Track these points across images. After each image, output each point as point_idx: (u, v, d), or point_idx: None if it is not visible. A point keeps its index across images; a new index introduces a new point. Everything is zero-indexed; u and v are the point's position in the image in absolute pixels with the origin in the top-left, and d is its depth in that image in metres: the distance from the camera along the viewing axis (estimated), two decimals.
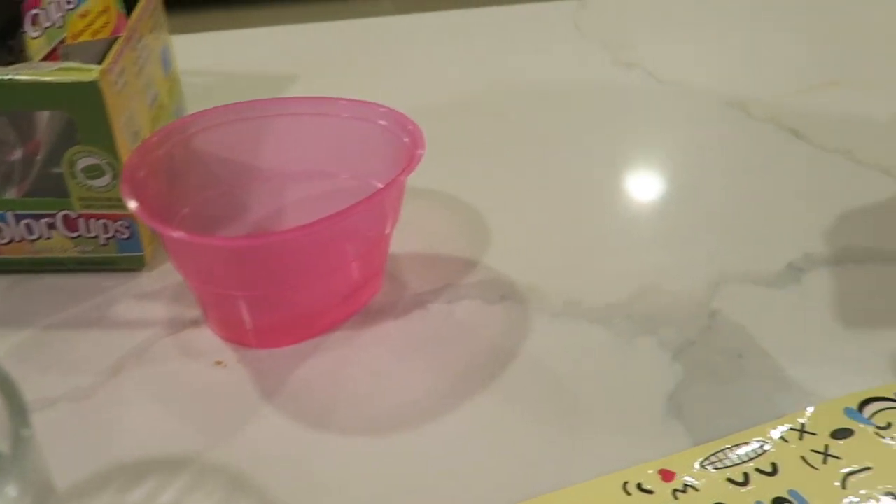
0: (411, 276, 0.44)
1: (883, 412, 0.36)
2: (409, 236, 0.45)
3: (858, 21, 0.69)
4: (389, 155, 0.40)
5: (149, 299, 0.43)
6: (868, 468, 0.34)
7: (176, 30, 0.56)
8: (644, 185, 0.51)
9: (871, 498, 0.32)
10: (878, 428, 0.35)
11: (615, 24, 0.68)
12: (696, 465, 0.34)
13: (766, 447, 0.35)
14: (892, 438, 0.35)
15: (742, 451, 0.35)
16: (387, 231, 0.41)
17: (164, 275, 0.44)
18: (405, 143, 0.39)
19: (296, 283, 0.39)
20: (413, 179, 0.38)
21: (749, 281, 0.43)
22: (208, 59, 0.64)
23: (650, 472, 0.34)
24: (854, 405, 0.36)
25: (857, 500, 0.32)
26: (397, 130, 0.40)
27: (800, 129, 0.55)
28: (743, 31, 0.68)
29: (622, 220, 0.48)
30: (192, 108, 0.53)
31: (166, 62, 0.50)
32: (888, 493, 0.33)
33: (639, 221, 0.48)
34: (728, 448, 0.35)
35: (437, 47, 0.66)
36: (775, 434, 0.35)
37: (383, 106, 0.41)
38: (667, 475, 0.34)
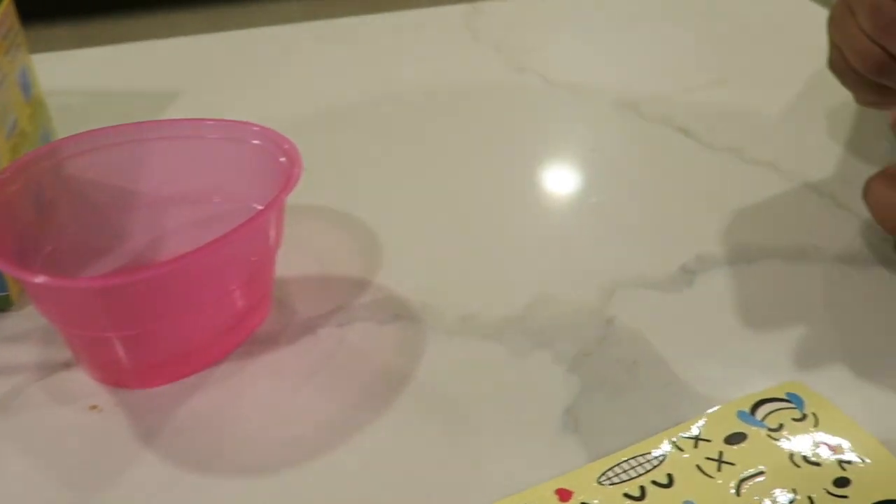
0: (300, 300, 0.42)
1: (775, 413, 0.36)
2: (296, 258, 0.43)
3: (744, 19, 0.71)
4: (267, 175, 0.38)
5: (16, 342, 0.40)
6: (762, 472, 0.34)
7: (45, 47, 0.52)
8: (539, 191, 0.50)
9: (763, 501, 0.32)
10: (771, 430, 0.35)
11: (508, 27, 0.67)
12: (594, 482, 0.33)
13: (662, 458, 0.34)
14: (785, 439, 0.35)
15: (638, 463, 0.34)
16: (270, 255, 0.39)
17: (33, 315, 0.41)
18: (282, 163, 0.37)
19: (174, 318, 0.37)
20: (300, 198, 0.37)
21: (643, 286, 0.43)
22: (83, 77, 0.60)
23: (547, 493, 0.33)
24: (747, 408, 0.37)
25: None
26: (272, 150, 0.38)
27: (690, 128, 0.55)
28: (632, 33, 0.68)
29: (518, 228, 0.47)
30: (64, 131, 0.50)
31: (26, 85, 0.46)
32: (780, 497, 0.33)
33: (534, 229, 0.47)
34: (625, 461, 0.34)
35: (327, 56, 0.65)
36: (670, 444, 0.35)
37: (255, 125, 0.39)
38: (564, 495, 0.33)
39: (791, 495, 0.33)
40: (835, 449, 0.35)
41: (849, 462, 0.34)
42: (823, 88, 0.60)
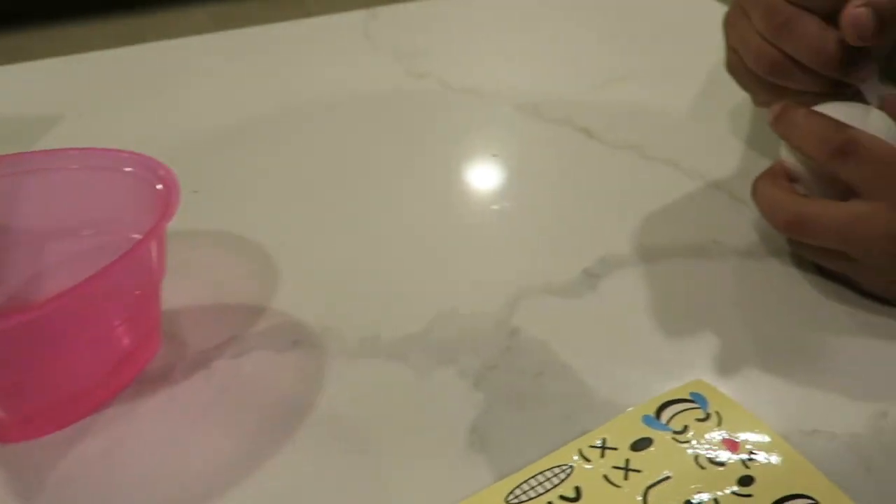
0: (192, 332, 0.40)
1: (680, 415, 0.36)
2: (187, 287, 0.42)
3: (644, 18, 0.71)
4: (145, 204, 0.36)
5: None
6: (668, 477, 0.33)
7: None
8: (440, 202, 0.49)
9: None
10: (675, 433, 0.35)
11: (405, 33, 0.66)
12: (502, 502, 0.33)
13: (569, 471, 0.34)
14: (689, 443, 0.35)
15: (546, 478, 0.33)
16: (154, 286, 0.37)
17: None
18: (159, 190, 0.36)
19: (53, 363, 0.34)
20: (190, 222, 0.35)
21: (547, 293, 0.42)
22: None
23: None
24: (652, 412, 0.36)
25: None
26: (148, 176, 0.36)
27: (591, 128, 0.55)
28: (530, 34, 0.68)
29: (419, 241, 0.46)
30: None
31: None
32: (686, 501, 0.32)
33: (437, 241, 0.46)
34: (532, 477, 0.33)
35: (221, 70, 0.62)
36: (577, 455, 0.34)
37: (126, 152, 0.37)
38: None
39: (697, 498, 0.32)
40: (738, 447, 0.35)
41: (752, 460, 0.34)
42: (722, 85, 0.60)
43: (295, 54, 0.64)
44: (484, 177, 0.51)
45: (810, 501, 0.33)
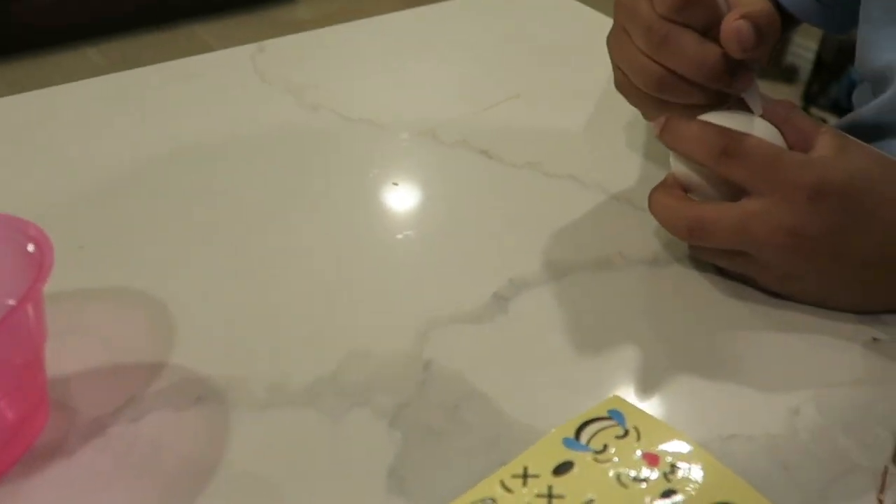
0: (84, 399, 0.37)
1: (599, 434, 0.36)
2: (75, 349, 0.39)
3: (531, 35, 0.72)
4: (16, 267, 0.34)
5: None
6: (591, 501, 0.33)
7: None
8: (343, 237, 0.48)
9: None
10: (596, 453, 0.35)
11: (296, 65, 0.65)
12: None
13: (493, 503, 0.33)
14: (610, 461, 0.34)
15: None
16: (37, 353, 0.34)
17: None
18: (31, 253, 0.33)
19: None
20: (76, 280, 0.33)
21: (458, 321, 0.42)
22: None
23: None
24: (571, 434, 0.36)
25: None
26: (18, 238, 0.34)
27: (490, 149, 0.55)
28: (422, 60, 0.67)
29: (324, 280, 0.45)
30: None
31: None
32: None
33: (342, 278, 0.45)
34: None
35: (106, 116, 0.59)
36: (499, 487, 0.33)
37: None
38: None
39: None
40: (658, 460, 0.34)
41: (673, 472, 0.34)
42: (615, 98, 0.61)
43: (184, 94, 0.62)
44: (386, 207, 0.50)
45: None
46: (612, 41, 0.45)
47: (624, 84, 0.46)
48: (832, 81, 2.13)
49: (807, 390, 0.38)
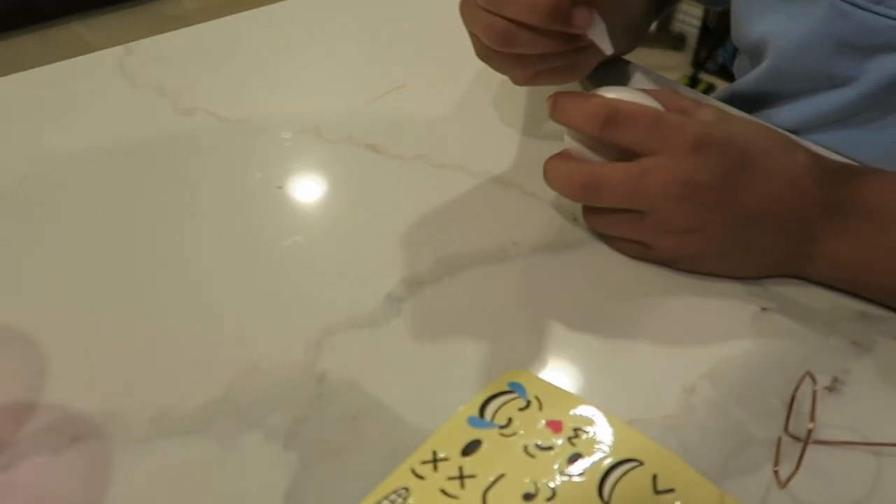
0: None
1: (503, 408, 0.36)
2: None
3: (412, 25, 0.70)
4: None
5: None
6: (502, 475, 0.33)
7: None
8: (226, 247, 0.45)
9: None
10: (501, 428, 0.35)
11: (167, 67, 0.61)
12: None
13: (405, 494, 0.32)
14: (516, 434, 0.34)
15: None
16: None
17: None
18: None
19: None
20: None
21: (351, 327, 0.40)
22: None
23: None
24: (475, 412, 0.35)
25: None
26: None
27: (377, 144, 0.53)
28: (298, 56, 0.65)
29: (207, 296, 0.42)
30: None
31: None
32: (525, 495, 0.32)
33: (226, 292, 0.43)
34: None
35: None
36: (410, 475, 0.33)
37: None
38: None
39: (534, 489, 0.32)
40: (561, 426, 0.35)
41: (577, 436, 0.34)
42: (498, 82, 0.61)
43: (43, 104, 0.57)
44: (270, 212, 0.48)
45: (637, 463, 0.33)
46: (462, 9, 0.45)
47: (482, 50, 0.46)
48: (718, 47, 2.19)
49: (701, 366, 0.38)
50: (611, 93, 0.43)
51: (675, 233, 0.42)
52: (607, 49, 0.44)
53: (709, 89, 2.08)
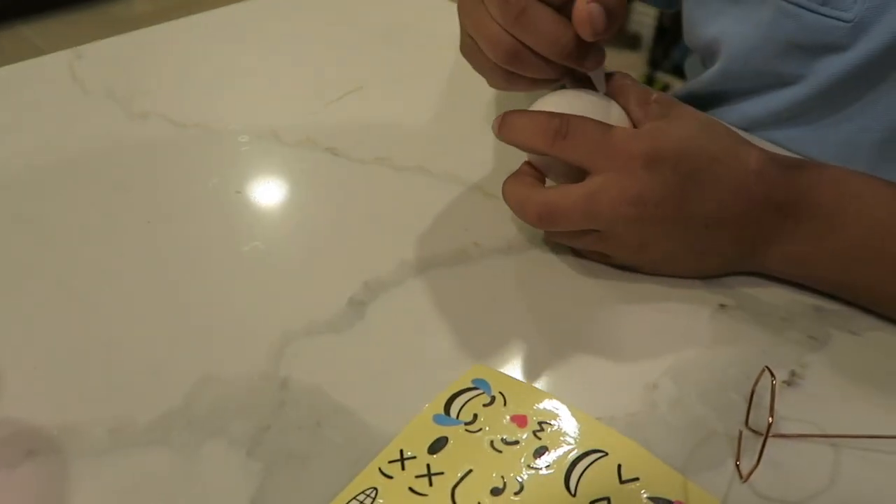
0: None
1: (467, 405, 0.36)
2: None
3: (369, 24, 0.70)
4: None
5: None
6: (470, 471, 0.33)
7: None
8: (183, 256, 0.45)
9: (478, 501, 0.32)
10: (467, 424, 0.35)
11: (119, 71, 0.60)
12: None
13: (374, 493, 0.32)
14: (482, 430, 0.34)
15: None
16: None
17: None
18: None
19: None
20: None
21: (313, 332, 0.40)
22: None
23: None
24: (440, 409, 0.35)
25: None
26: None
27: (336, 147, 0.53)
28: (254, 57, 0.64)
29: (164, 305, 0.41)
30: None
31: None
32: (492, 490, 0.32)
33: (184, 300, 0.42)
34: None
35: None
36: (378, 474, 0.33)
37: None
38: None
39: (501, 483, 0.32)
40: (526, 420, 0.35)
41: (542, 430, 0.34)
42: (460, 84, 0.61)
43: None
44: (228, 218, 0.47)
45: (601, 454, 0.33)
46: (465, 7, 0.44)
47: (472, 50, 0.45)
48: (674, 46, 2.22)
49: (662, 363, 0.39)
50: (564, 98, 0.43)
51: (630, 247, 0.42)
52: (601, 89, 0.43)
53: (665, 88, 2.11)
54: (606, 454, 0.33)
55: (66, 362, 0.38)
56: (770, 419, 0.32)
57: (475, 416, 0.35)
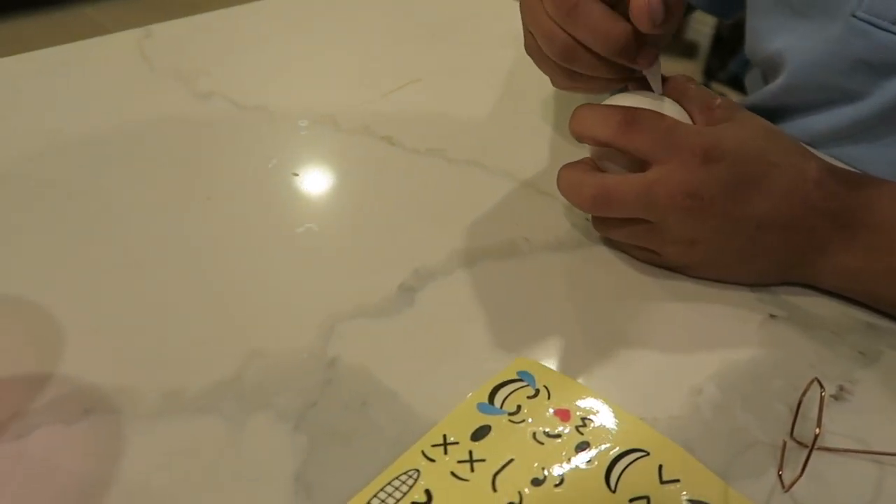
0: None
1: (511, 396, 0.36)
2: None
3: (430, 16, 0.71)
4: None
5: None
6: (511, 460, 0.33)
7: None
8: (240, 232, 0.46)
9: (519, 490, 0.32)
10: (510, 414, 0.35)
11: (185, 51, 0.62)
12: None
13: (417, 474, 0.33)
14: (525, 422, 0.35)
15: (395, 488, 0.32)
16: None
17: None
18: None
19: None
20: None
21: (363, 315, 0.40)
22: None
23: None
24: (485, 398, 0.36)
25: (507, 498, 0.32)
26: None
27: (392, 136, 0.54)
28: (317, 44, 0.65)
29: (220, 278, 0.43)
30: None
31: None
32: (533, 480, 0.32)
33: (239, 276, 0.43)
34: (381, 490, 0.32)
35: None
36: (421, 457, 0.33)
37: None
38: None
39: (542, 475, 0.32)
40: (569, 415, 0.35)
41: (585, 425, 0.35)
42: (518, 80, 0.61)
43: (64, 83, 0.58)
44: (285, 199, 0.49)
45: (643, 454, 0.34)
46: (526, 3, 0.45)
47: (533, 48, 0.46)
48: (731, 57, 2.20)
49: (708, 368, 0.39)
50: (628, 99, 0.43)
51: (681, 243, 0.42)
52: (657, 90, 0.44)
53: None
54: (648, 454, 0.33)
55: (125, 327, 0.39)
56: (817, 430, 0.32)
57: (518, 407, 0.36)
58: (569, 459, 0.33)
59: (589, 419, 0.35)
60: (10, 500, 0.32)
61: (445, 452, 0.34)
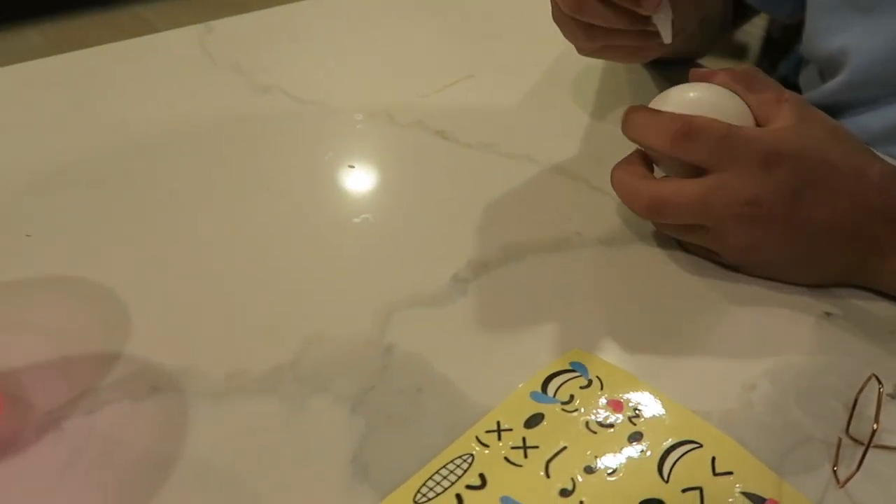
0: (37, 391, 0.36)
1: (564, 385, 0.37)
2: (27, 342, 0.38)
3: (483, 11, 0.71)
4: None
5: None
6: (564, 448, 0.34)
7: None
8: (299, 221, 0.47)
9: (571, 477, 0.33)
10: (563, 403, 0.36)
11: (245, 46, 0.63)
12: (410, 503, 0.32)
13: (471, 459, 0.33)
14: (578, 411, 0.35)
15: (449, 471, 0.33)
16: None
17: None
18: None
19: None
20: (24, 270, 0.31)
21: (418, 304, 0.41)
22: None
23: None
24: (538, 387, 0.36)
25: (560, 484, 0.32)
26: None
27: (445, 130, 0.55)
28: (372, 40, 0.66)
29: (279, 265, 0.44)
30: None
31: None
32: (586, 468, 0.33)
33: (297, 263, 0.44)
34: (436, 472, 0.33)
35: (46, 99, 0.57)
36: (475, 443, 0.34)
37: None
38: None
39: (595, 463, 0.33)
40: (622, 406, 0.36)
41: (637, 416, 0.35)
42: (568, 76, 0.61)
43: (130, 76, 0.60)
44: (342, 189, 0.50)
45: (696, 445, 0.34)
46: None
47: (557, 14, 0.47)
48: (781, 58, 2.16)
49: (762, 365, 0.39)
50: (691, 91, 0.43)
51: (737, 248, 0.42)
52: (667, 38, 0.44)
53: None
54: (701, 446, 0.34)
55: (189, 309, 0.41)
56: (875, 426, 0.32)
57: (571, 396, 0.36)
58: (621, 449, 0.34)
59: (641, 410, 0.35)
60: (82, 470, 0.33)
61: (499, 438, 0.34)
